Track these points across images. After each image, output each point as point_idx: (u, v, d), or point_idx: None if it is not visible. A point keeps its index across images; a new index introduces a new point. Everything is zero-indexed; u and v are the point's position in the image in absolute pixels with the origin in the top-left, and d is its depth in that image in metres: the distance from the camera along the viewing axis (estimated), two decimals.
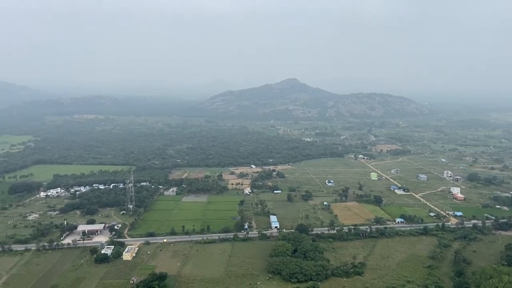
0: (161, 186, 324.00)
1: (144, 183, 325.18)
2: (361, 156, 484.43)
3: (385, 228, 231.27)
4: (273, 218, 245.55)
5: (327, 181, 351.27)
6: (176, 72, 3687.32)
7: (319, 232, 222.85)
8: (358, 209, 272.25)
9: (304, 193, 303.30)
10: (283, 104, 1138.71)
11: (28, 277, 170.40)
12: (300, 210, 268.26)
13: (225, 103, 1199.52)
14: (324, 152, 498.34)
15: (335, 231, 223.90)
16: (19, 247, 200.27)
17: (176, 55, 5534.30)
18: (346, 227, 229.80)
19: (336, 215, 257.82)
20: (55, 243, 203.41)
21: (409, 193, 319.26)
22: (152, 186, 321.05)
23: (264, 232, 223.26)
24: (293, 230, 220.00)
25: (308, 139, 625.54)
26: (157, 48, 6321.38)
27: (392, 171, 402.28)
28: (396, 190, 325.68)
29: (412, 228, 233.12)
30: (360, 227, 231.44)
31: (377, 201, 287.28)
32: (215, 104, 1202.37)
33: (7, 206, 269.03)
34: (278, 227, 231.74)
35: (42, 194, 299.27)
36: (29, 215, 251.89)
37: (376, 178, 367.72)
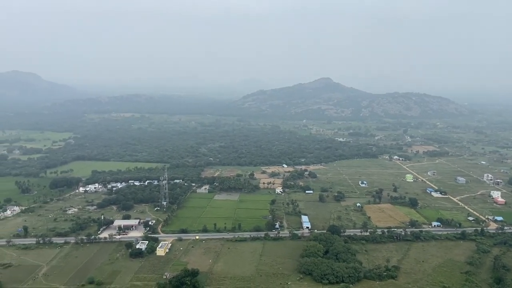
0: (194, 184, 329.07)
1: (177, 181, 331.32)
2: (396, 157, 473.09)
3: (421, 231, 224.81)
4: (304, 218, 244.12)
5: (360, 182, 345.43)
6: (209, 72, 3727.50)
7: (352, 234, 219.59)
8: (392, 211, 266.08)
9: (336, 194, 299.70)
10: (316, 104, 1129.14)
11: (67, 269, 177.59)
12: (332, 211, 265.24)
13: (257, 102, 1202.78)
14: (357, 153, 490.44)
15: (368, 233, 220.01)
16: (59, 240, 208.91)
17: (210, 55, 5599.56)
18: (380, 230, 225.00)
19: (369, 217, 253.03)
20: (93, 237, 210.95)
21: (447, 196, 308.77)
22: (185, 184, 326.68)
23: (295, 232, 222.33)
24: (324, 231, 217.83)
25: (341, 139, 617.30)
26: (192, 48, 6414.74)
27: (428, 173, 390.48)
28: (432, 193, 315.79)
29: (449, 233, 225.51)
30: (394, 229, 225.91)
31: (413, 203, 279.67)
32: (248, 103, 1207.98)
33: (48, 200, 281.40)
34: (309, 228, 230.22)
35: (81, 189, 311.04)
36: (69, 209, 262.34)
37: (412, 180, 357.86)
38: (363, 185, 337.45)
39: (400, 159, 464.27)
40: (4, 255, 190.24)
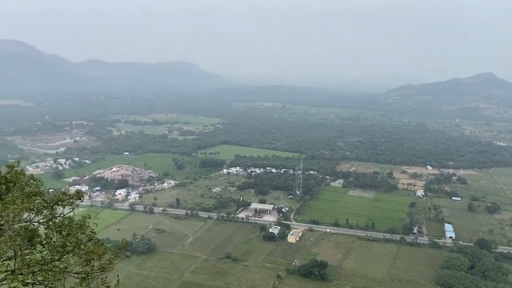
0: (328, 177, 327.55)
1: (312, 172, 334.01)
2: None
3: None
4: (448, 227, 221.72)
5: None
6: (353, 64, 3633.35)
7: (505, 252, 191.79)
8: None
9: (489, 205, 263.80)
10: (472, 101, 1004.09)
11: (208, 241, 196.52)
12: (482, 223, 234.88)
13: (403, 97, 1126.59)
14: None
15: None
16: (204, 214, 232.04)
17: (354, 47, 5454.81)
18: None
19: None
20: (232, 215, 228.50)
21: None
22: (320, 176, 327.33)
23: (435, 240, 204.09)
24: (471, 244, 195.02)
25: (501, 143, 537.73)
26: (338, 40, 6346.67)
27: None
28: None
29: None
30: None
31: None
32: (392, 98, 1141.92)
33: (197, 178, 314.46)
34: (453, 238, 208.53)
35: (225, 170, 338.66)
36: (213, 188, 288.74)
37: None
38: None
39: None
40: (160, 222, 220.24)
